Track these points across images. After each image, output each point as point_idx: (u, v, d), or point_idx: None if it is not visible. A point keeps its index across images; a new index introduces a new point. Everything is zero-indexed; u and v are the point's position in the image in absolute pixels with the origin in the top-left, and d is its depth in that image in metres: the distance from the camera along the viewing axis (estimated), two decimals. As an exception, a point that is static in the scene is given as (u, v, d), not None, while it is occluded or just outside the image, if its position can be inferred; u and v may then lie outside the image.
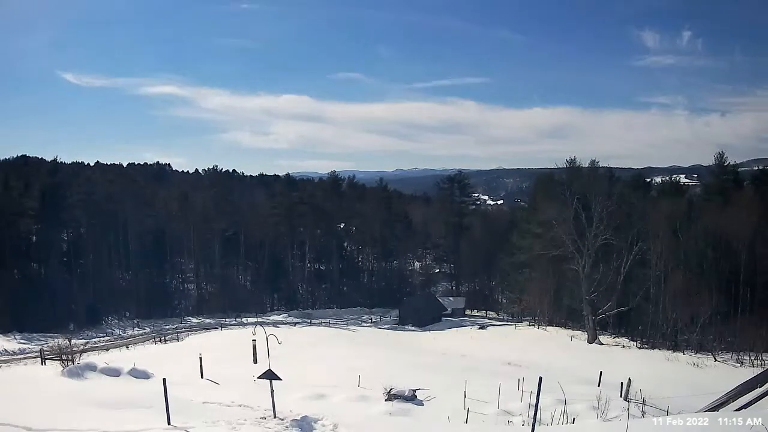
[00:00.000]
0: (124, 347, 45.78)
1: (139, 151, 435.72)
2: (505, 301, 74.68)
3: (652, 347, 47.42)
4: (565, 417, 17.57)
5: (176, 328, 58.50)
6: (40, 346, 34.90)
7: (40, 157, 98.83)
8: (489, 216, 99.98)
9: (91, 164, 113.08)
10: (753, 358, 40.07)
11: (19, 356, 40.35)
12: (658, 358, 41.46)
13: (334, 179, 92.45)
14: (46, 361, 27.22)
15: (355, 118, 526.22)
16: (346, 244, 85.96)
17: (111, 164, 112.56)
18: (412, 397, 21.69)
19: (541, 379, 9.67)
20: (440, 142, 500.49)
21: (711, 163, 66.95)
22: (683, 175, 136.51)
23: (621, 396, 22.93)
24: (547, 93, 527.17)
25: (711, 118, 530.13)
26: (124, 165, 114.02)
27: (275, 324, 57.27)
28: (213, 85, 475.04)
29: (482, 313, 71.87)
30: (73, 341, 26.18)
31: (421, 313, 63.58)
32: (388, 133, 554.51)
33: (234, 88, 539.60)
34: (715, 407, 17.56)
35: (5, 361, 37.05)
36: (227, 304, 68.28)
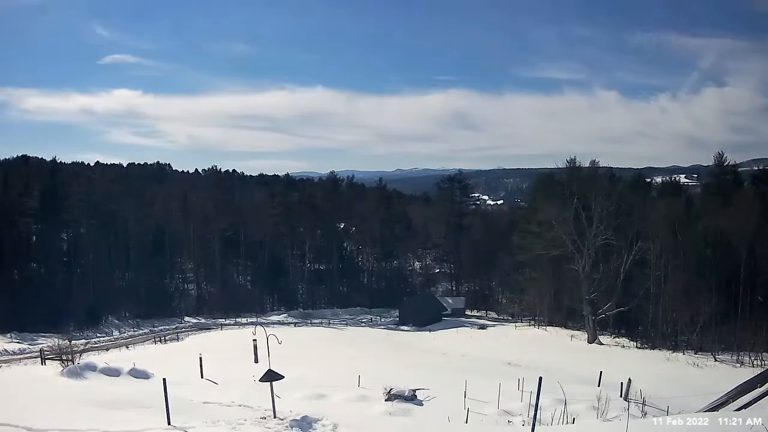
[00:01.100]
0: (124, 347, 45.75)
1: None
2: (505, 301, 74.67)
3: (652, 347, 47.45)
4: (565, 417, 17.56)
5: (176, 328, 58.49)
6: (40, 346, 34.85)
7: (40, 157, 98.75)
8: (489, 216, 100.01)
9: (91, 164, 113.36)
10: (753, 358, 40.10)
11: (19, 356, 40.33)
12: (658, 358, 41.46)
13: (334, 179, 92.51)
14: (46, 361, 27.20)
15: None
16: (345, 244, 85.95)
17: (111, 164, 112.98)
18: (412, 397, 21.68)
19: (541, 379, 9.67)
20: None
21: (711, 163, 67.14)
22: (683, 175, 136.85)
23: (621, 396, 22.94)
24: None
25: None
26: (124, 165, 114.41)
27: (275, 324, 57.23)
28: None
29: (482, 313, 71.84)
30: (73, 341, 26.11)
31: (421, 313, 63.56)
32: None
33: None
34: (715, 407, 17.56)
35: (5, 361, 37.04)
36: (227, 304, 68.25)
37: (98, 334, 54.76)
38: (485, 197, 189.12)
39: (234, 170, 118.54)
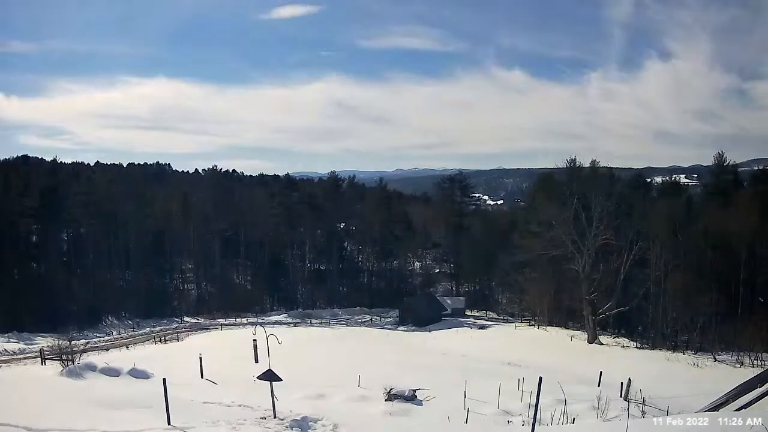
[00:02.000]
0: (124, 347, 45.73)
1: None
2: (505, 301, 74.71)
3: (652, 347, 47.43)
4: (565, 417, 17.55)
5: (176, 328, 58.50)
6: (40, 346, 34.83)
7: (40, 157, 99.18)
8: (489, 216, 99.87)
9: (91, 164, 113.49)
10: (753, 358, 40.05)
11: (19, 356, 40.28)
12: (658, 358, 41.43)
13: (334, 179, 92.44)
14: (46, 361, 27.20)
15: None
16: (345, 244, 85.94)
17: (111, 164, 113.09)
18: (412, 397, 21.70)
19: (541, 379, 9.67)
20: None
21: (711, 163, 67.21)
22: (683, 175, 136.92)
23: (621, 396, 22.93)
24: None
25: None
26: (124, 165, 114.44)
27: (275, 324, 57.21)
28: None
29: (482, 313, 71.81)
30: (73, 341, 26.13)
31: (421, 313, 63.55)
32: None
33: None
34: (715, 407, 17.54)
35: (5, 361, 37.00)
36: (227, 304, 68.23)
37: (98, 334, 54.72)
38: (485, 197, 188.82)
39: (234, 170, 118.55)
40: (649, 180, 78.68)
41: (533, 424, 9.95)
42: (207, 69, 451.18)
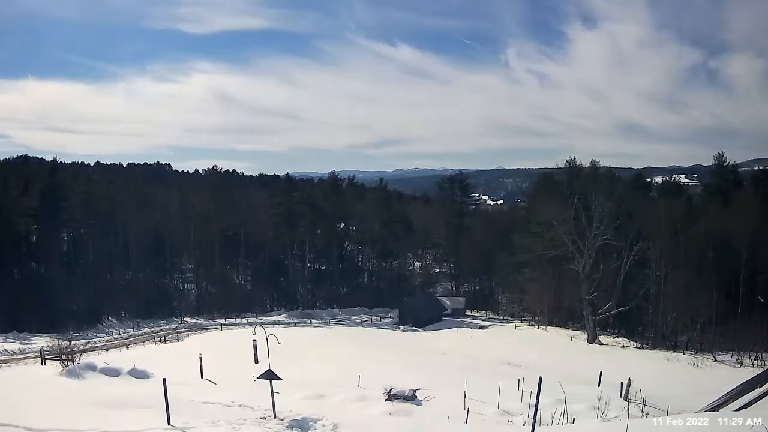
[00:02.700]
0: (124, 347, 45.72)
1: None
2: (505, 301, 74.72)
3: (652, 347, 47.45)
4: (565, 417, 17.53)
5: (176, 328, 58.46)
6: (40, 346, 34.83)
7: (40, 157, 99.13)
8: (489, 216, 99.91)
9: (91, 164, 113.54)
10: (753, 358, 40.07)
11: (19, 356, 40.28)
12: (658, 358, 41.45)
13: (334, 179, 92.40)
14: (46, 361, 27.21)
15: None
16: (346, 244, 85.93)
17: (111, 164, 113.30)
18: (412, 397, 21.67)
19: (541, 379, 9.67)
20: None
21: (711, 163, 67.24)
22: (683, 175, 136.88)
23: (621, 396, 22.91)
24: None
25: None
26: (124, 165, 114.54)
27: (275, 324, 57.23)
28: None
29: (482, 313, 71.83)
30: (73, 341, 26.13)
31: (421, 313, 63.55)
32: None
33: None
34: (715, 407, 17.55)
35: (5, 361, 37.01)
36: (227, 304, 68.23)
37: (98, 334, 54.74)
38: (485, 197, 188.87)
39: (234, 170, 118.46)
40: (649, 180, 78.67)
41: (533, 424, 9.94)
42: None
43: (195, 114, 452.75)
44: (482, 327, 60.18)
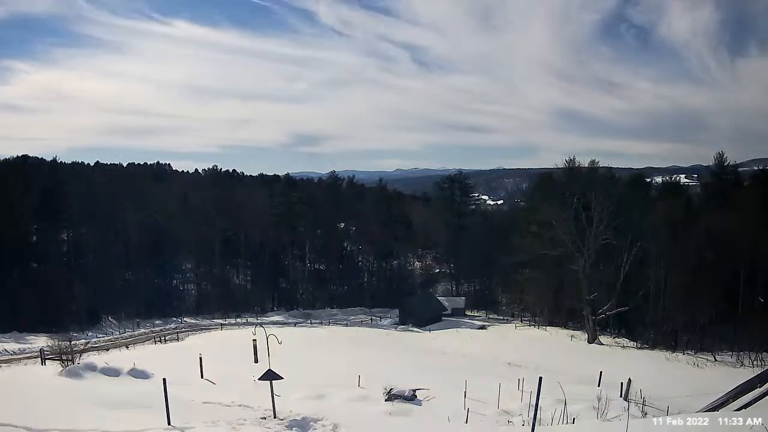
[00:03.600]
0: (124, 347, 45.70)
1: None
2: (505, 301, 74.72)
3: (652, 347, 47.40)
4: (565, 417, 17.54)
5: (176, 328, 58.48)
6: (40, 346, 34.82)
7: (40, 157, 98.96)
8: (489, 216, 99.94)
9: (91, 164, 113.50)
10: (753, 358, 40.03)
11: (19, 356, 40.25)
12: (658, 358, 41.41)
13: (334, 179, 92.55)
14: (46, 361, 27.22)
15: None
16: (345, 244, 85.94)
17: (111, 164, 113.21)
18: (412, 397, 21.67)
19: (541, 379, 9.67)
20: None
21: (711, 163, 67.19)
22: (683, 175, 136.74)
23: (621, 396, 22.90)
24: None
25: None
26: (124, 165, 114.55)
27: (275, 324, 57.23)
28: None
29: (482, 313, 71.86)
30: (73, 341, 26.14)
31: (421, 313, 63.57)
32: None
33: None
34: (715, 407, 17.53)
35: (5, 361, 36.97)
36: (227, 304, 68.26)
37: (98, 334, 54.75)
38: (485, 197, 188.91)
39: (234, 170, 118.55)
40: (649, 180, 78.63)
41: (533, 424, 9.94)
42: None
43: None
44: (482, 327, 60.21)
